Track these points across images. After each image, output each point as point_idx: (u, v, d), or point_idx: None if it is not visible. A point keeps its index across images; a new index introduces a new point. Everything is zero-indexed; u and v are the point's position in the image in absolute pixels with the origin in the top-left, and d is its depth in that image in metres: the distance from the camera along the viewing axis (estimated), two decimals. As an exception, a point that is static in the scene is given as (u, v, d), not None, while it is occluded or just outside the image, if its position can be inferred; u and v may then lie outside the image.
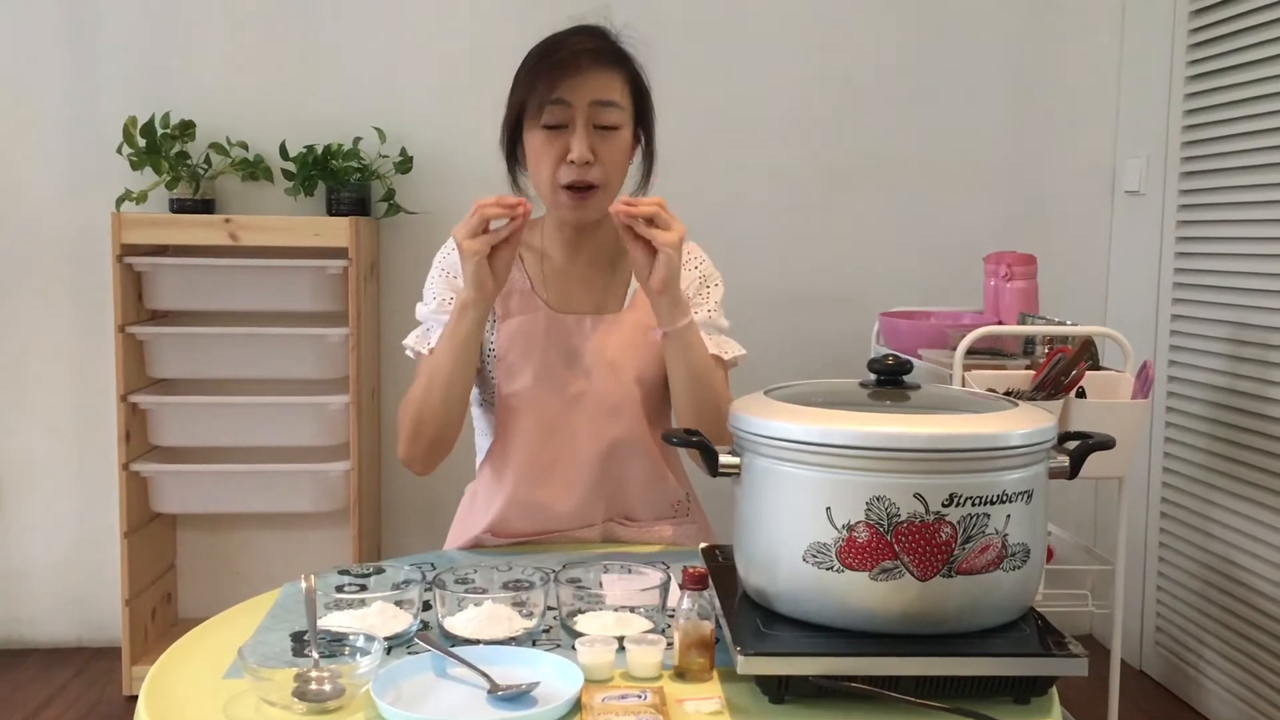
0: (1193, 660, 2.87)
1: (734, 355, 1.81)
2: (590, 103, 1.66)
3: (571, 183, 1.68)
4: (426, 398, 1.68)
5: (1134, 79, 3.16)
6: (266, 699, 1.17)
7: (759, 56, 3.14)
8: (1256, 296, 2.63)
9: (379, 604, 1.36)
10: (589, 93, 1.66)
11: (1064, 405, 2.18)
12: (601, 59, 1.68)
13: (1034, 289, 2.56)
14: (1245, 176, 2.68)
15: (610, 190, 1.72)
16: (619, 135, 1.70)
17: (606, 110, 1.67)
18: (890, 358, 1.36)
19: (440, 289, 1.77)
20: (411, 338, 1.79)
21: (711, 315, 1.83)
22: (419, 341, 1.77)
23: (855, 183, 3.18)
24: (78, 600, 3.18)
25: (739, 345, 1.86)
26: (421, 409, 1.69)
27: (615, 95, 1.69)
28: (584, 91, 1.65)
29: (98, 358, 3.05)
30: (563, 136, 1.67)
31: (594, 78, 1.66)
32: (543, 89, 1.65)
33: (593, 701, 1.17)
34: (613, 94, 1.68)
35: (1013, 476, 1.21)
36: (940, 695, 1.17)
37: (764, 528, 1.26)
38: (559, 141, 1.67)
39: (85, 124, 3.04)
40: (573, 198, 1.69)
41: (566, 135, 1.67)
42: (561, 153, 1.67)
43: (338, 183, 2.94)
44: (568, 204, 1.70)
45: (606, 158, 1.69)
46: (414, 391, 1.71)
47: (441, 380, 1.66)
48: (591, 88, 1.66)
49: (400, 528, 3.20)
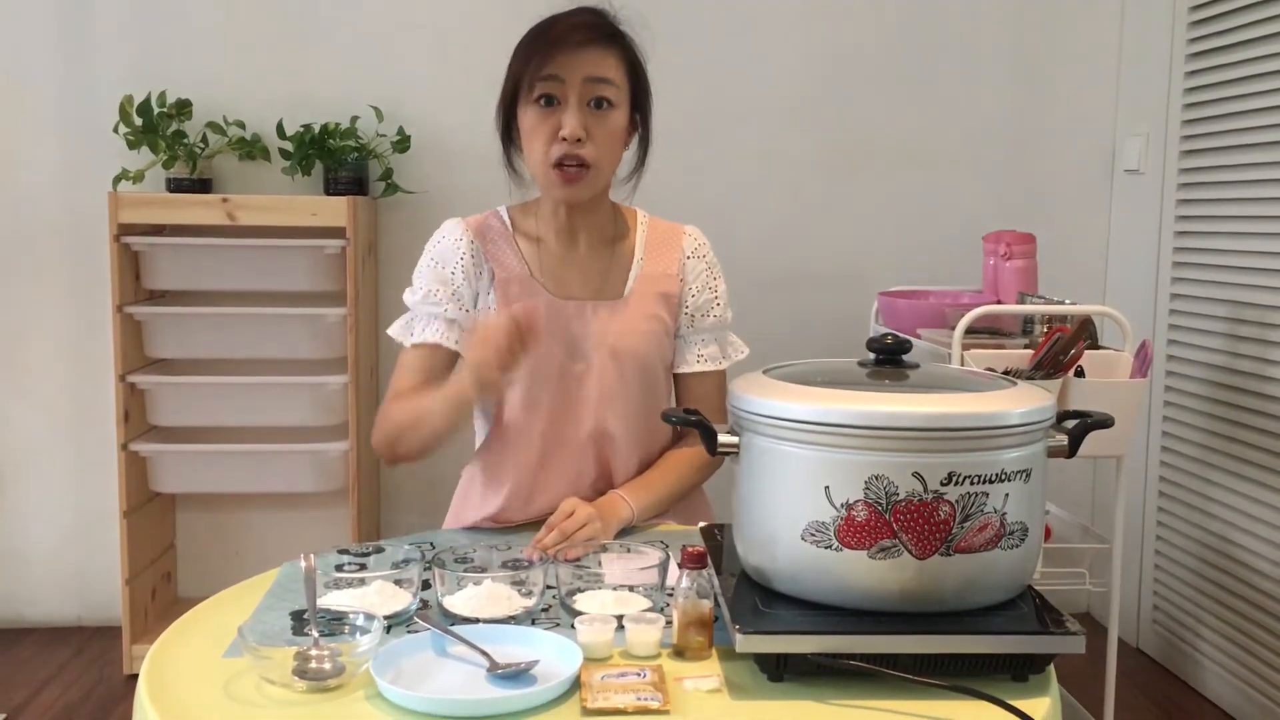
0: (1190, 638, 2.88)
1: (736, 361, 1.86)
2: (584, 79, 1.65)
3: (562, 159, 1.66)
4: (407, 434, 1.68)
5: (1134, 57, 3.14)
6: (267, 677, 1.17)
7: (756, 36, 3.12)
8: (1256, 275, 2.63)
9: (378, 583, 1.36)
10: (583, 69, 1.65)
11: (1063, 384, 2.18)
12: (597, 36, 1.67)
13: (1033, 268, 2.56)
14: (1245, 155, 2.68)
15: (603, 171, 1.70)
16: (613, 114, 1.69)
17: (600, 86, 1.66)
18: (889, 337, 1.36)
19: (429, 280, 1.75)
20: (396, 326, 1.78)
21: (719, 315, 1.84)
22: (402, 332, 1.77)
23: (854, 162, 3.17)
24: (78, 580, 3.19)
25: (743, 344, 1.89)
26: (399, 437, 1.69)
27: (610, 73, 1.67)
28: (578, 68, 1.64)
29: (96, 338, 3.05)
30: (556, 113, 1.66)
31: (588, 54, 1.65)
32: (536, 64, 1.64)
33: (592, 680, 1.17)
34: (607, 71, 1.67)
35: (1011, 455, 1.21)
36: (938, 673, 1.18)
37: (763, 507, 1.26)
38: (552, 119, 1.66)
39: (81, 103, 3.03)
40: (563, 176, 1.68)
41: (559, 112, 1.66)
42: (554, 129, 1.66)
43: (335, 162, 2.93)
44: (558, 182, 1.68)
45: (599, 136, 1.67)
46: (397, 414, 1.70)
47: (425, 433, 1.67)
48: (585, 64, 1.65)
49: (399, 507, 3.20)
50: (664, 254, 1.81)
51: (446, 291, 1.74)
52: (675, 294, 1.80)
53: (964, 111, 3.18)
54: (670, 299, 1.79)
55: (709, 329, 1.84)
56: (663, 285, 1.79)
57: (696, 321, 1.83)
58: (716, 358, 1.84)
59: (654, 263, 1.80)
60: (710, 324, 1.83)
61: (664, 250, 1.82)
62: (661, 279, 1.79)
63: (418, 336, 1.74)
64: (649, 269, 1.79)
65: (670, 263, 1.81)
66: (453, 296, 1.74)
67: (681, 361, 1.83)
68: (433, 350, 1.74)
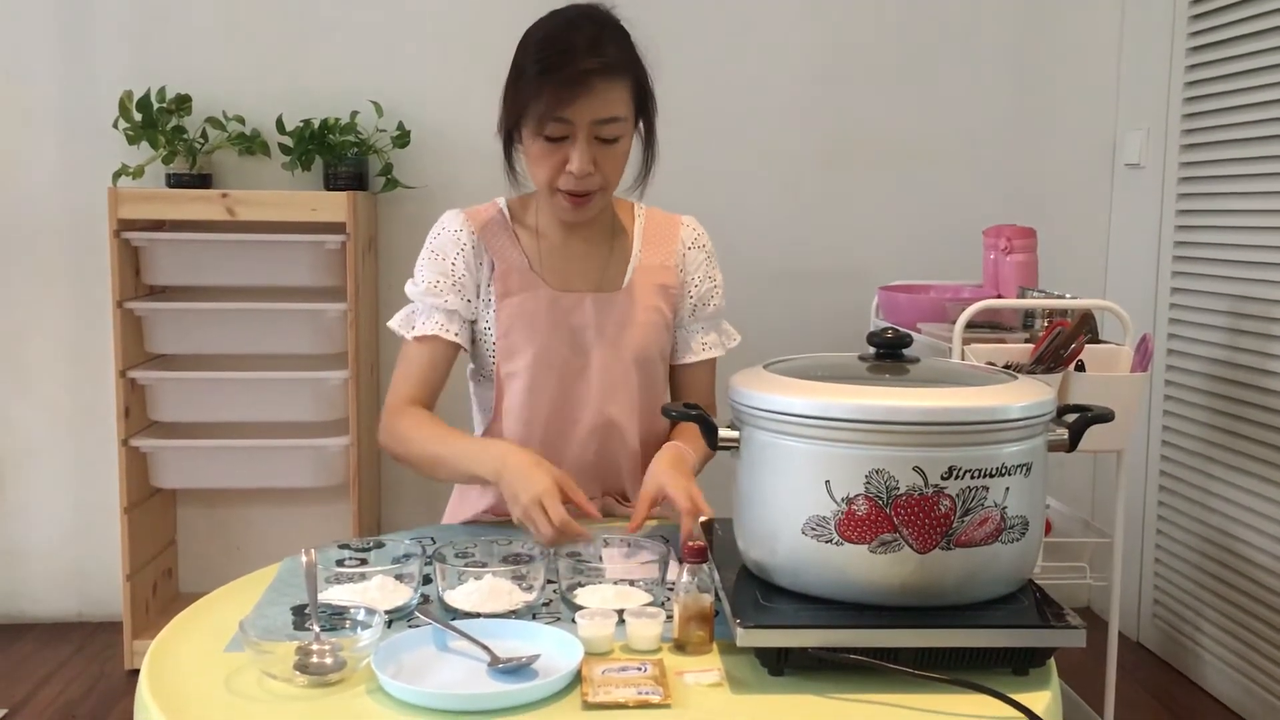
0: (1190, 632, 2.88)
1: (730, 348, 1.88)
2: (593, 121, 1.62)
3: (570, 190, 1.66)
4: (419, 463, 1.70)
5: (1135, 51, 3.14)
6: (268, 672, 1.17)
7: (757, 32, 3.12)
8: (1257, 269, 2.63)
9: (379, 578, 1.36)
10: (593, 111, 1.61)
11: (1063, 378, 2.18)
12: (608, 75, 1.61)
13: (1033, 262, 2.56)
14: (1246, 149, 2.67)
15: (609, 191, 1.71)
16: (620, 143, 1.67)
17: (610, 126, 1.64)
18: (890, 331, 1.36)
19: (431, 271, 1.75)
20: (398, 319, 1.77)
21: (718, 304, 1.86)
22: (404, 325, 1.76)
23: (855, 157, 3.17)
24: (79, 575, 3.19)
25: (734, 331, 1.92)
26: (411, 461, 1.70)
27: (619, 110, 1.64)
28: (588, 111, 1.61)
29: (96, 333, 3.05)
30: (563, 148, 1.64)
31: (599, 96, 1.60)
32: (546, 106, 1.60)
33: (593, 674, 1.17)
34: (617, 110, 1.63)
35: (1012, 449, 1.21)
36: (939, 667, 1.18)
37: (763, 501, 1.26)
38: (559, 152, 1.64)
39: (81, 99, 3.02)
40: (571, 201, 1.68)
41: (566, 146, 1.63)
42: (561, 162, 1.64)
43: (335, 157, 2.93)
44: (566, 206, 1.69)
45: (606, 165, 1.66)
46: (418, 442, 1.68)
47: (437, 474, 1.69)
48: (596, 106, 1.61)
49: (400, 502, 3.21)
50: (662, 245, 1.81)
51: (448, 282, 1.74)
52: (673, 285, 1.80)
53: (964, 106, 3.18)
54: (669, 291, 1.80)
55: (709, 317, 1.85)
56: (661, 277, 1.79)
57: (698, 311, 1.83)
58: (716, 345, 1.87)
59: (652, 254, 1.80)
60: (710, 313, 1.85)
61: (662, 242, 1.82)
62: (659, 271, 1.79)
63: (419, 329, 1.74)
64: (647, 260, 1.79)
65: (668, 254, 1.81)
66: (454, 287, 1.74)
67: (686, 351, 1.84)
68: (434, 342, 1.73)
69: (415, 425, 1.70)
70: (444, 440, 1.67)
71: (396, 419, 1.72)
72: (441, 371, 1.75)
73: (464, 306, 1.75)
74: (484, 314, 1.76)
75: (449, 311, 1.74)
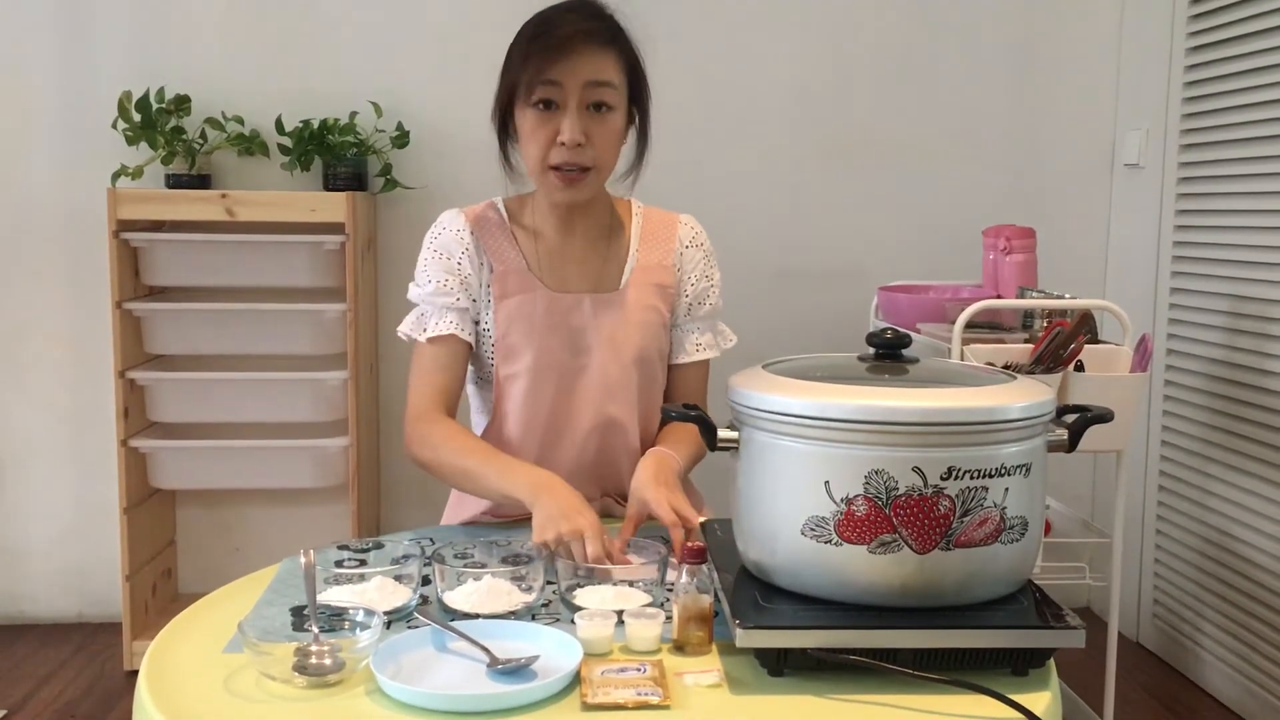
0: (1190, 633, 2.88)
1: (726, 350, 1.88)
2: (584, 84, 1.63)
3: (562, 164, 1.66)
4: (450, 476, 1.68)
5: (1134, 50, 3.14)
6: (267, 673, 1.17)
7: (756, 29, 3.12)
8: (1256, 270, 2.63)
9: (378, 579, 1.36)
10: (582, 74, 1.63)
11: (1062, 379, 2.18)
12: (596, 39, 1.64)
13: (1033, 262, 2.55)
14: (1246, 149, 2.67)
15: (602, 172, 1.70)
16: (612, 116, 1.67)
17: (600, 90, 1.64)
18: (889, 331, 1.36)
19: (435, 271, 1.74)
20: (407, 323, 1.76)
21: (714, 304, 1.86)
22: (415, 328, 1.75)
23: (854, 156, 3.17)
24: (78, 576, 3.19)
25: (730, 332, 1.91)
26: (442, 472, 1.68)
27: (609, 75, 1.65)
28: (577, 72, 1.62)
29: (95, 334, 3.04)
30: (554, 117, 1.64)
31: (588, 58, 1.63)
32: (535, 69, 1.62)
33: (592, 675, 1.17)
34: (607, 74, 1.65)
35: (1011, 450, 1.21)
36: (938, 667, 1.18)
37: (762, 502, 1.26)
38: (551, 123, 1.64)
39: (80, 99, 3.02)
40: (562, 178, 1.67)
41: (558, 116, 1.64)
42: (553, 134, 1.64)
43: (334, 157, 2.93)
44: (557, 184, 1.68)
45: (599, 139, 1.66)
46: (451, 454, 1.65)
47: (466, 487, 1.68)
48: (585, 68, 1.63)
49: (399, 503, 3.20)
50: (659, 244, 1.81)
51: (456, 281, 1.73)
52: (670, 285, 1.80)
53: (964, 105, 3.18)
54: (666, 290, 1.79)
55: (704, 317, 1.85)
56: (658, 276, 1.79)
57: (694, 309, 1.83)
58: (711, 346, 1.85)
59: (649, 253, 1.80)
60: (705, 312, 1.84)
61: (659, 240, 1.81)
62: (657, 270, 1.79)
63: (432, 330, 1.72)
64: (644, 260, 1.79)
65: (666, 253, 1.81)
66: (462, 286, 1.73)
67: (680, 351, 1.84)
68: (450, 342, 1.73)
69: (448, 436, 1.67)
70: (476, 454, 1.64)
71: (428, 427, 1.69)
72: (460, 372, 1.74)
73: (471, 306, 1.75)
74: (484, 315, 1.76)
75: (460, 310, 1.73)
